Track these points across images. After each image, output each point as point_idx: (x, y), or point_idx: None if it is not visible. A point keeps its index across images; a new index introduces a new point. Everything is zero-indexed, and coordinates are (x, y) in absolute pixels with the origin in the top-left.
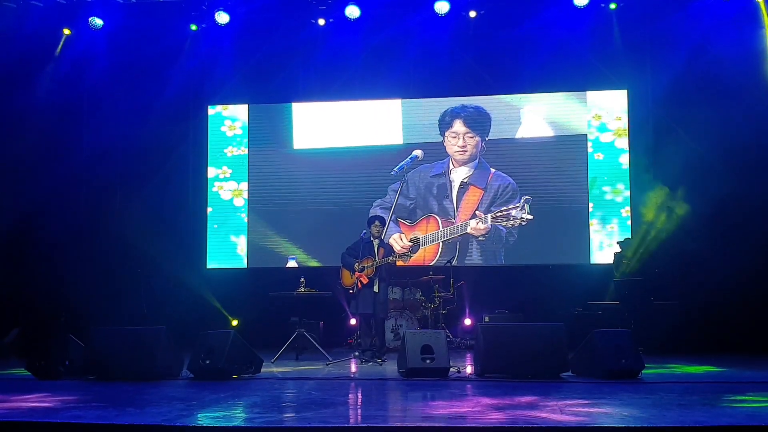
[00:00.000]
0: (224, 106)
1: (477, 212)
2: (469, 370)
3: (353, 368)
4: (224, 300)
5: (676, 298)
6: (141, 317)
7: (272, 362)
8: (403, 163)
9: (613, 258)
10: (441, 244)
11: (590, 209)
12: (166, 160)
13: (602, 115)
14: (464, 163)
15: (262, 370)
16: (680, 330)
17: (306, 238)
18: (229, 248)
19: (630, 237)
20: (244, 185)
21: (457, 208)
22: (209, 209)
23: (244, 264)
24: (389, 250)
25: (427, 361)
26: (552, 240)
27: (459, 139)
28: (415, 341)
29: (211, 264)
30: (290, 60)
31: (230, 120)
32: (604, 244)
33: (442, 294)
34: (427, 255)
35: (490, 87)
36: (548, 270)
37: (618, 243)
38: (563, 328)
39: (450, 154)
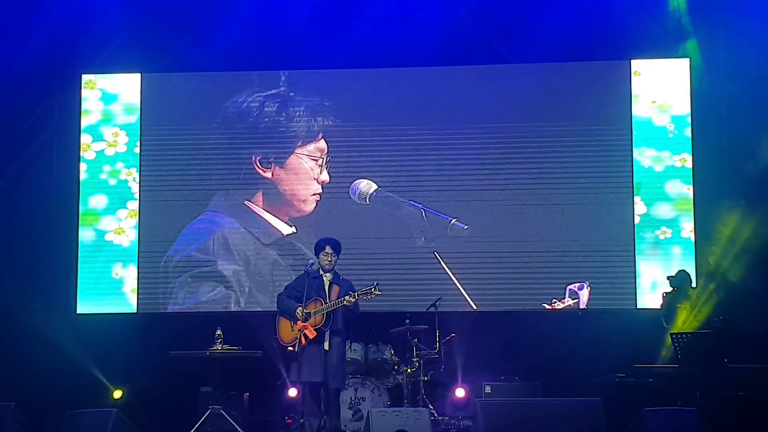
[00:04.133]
0: (105, 76)
1: None
2: None
3: None
4: (103, 361)
5: (761, 360)
6: None
7: None
8: None
9: (662, 300)
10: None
11: (636, 227)
12: (16, 155)
13: (653, 93)
14: None
15: None
16: None
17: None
18: (110, 283)
19: (685, 270)
20: (134, 188)
21: None
22: (80, 224)
23: (132, 307)
24: (347, 287)
25: None
26: (580, 273)
27: None
28: (385, 424)
29: (84, 307)
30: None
31: (112, 96)
32: (658, 281)
33: (425, 352)
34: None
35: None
36: (576, 318)
37: (669, 279)
38: (600, 406)
39: None
